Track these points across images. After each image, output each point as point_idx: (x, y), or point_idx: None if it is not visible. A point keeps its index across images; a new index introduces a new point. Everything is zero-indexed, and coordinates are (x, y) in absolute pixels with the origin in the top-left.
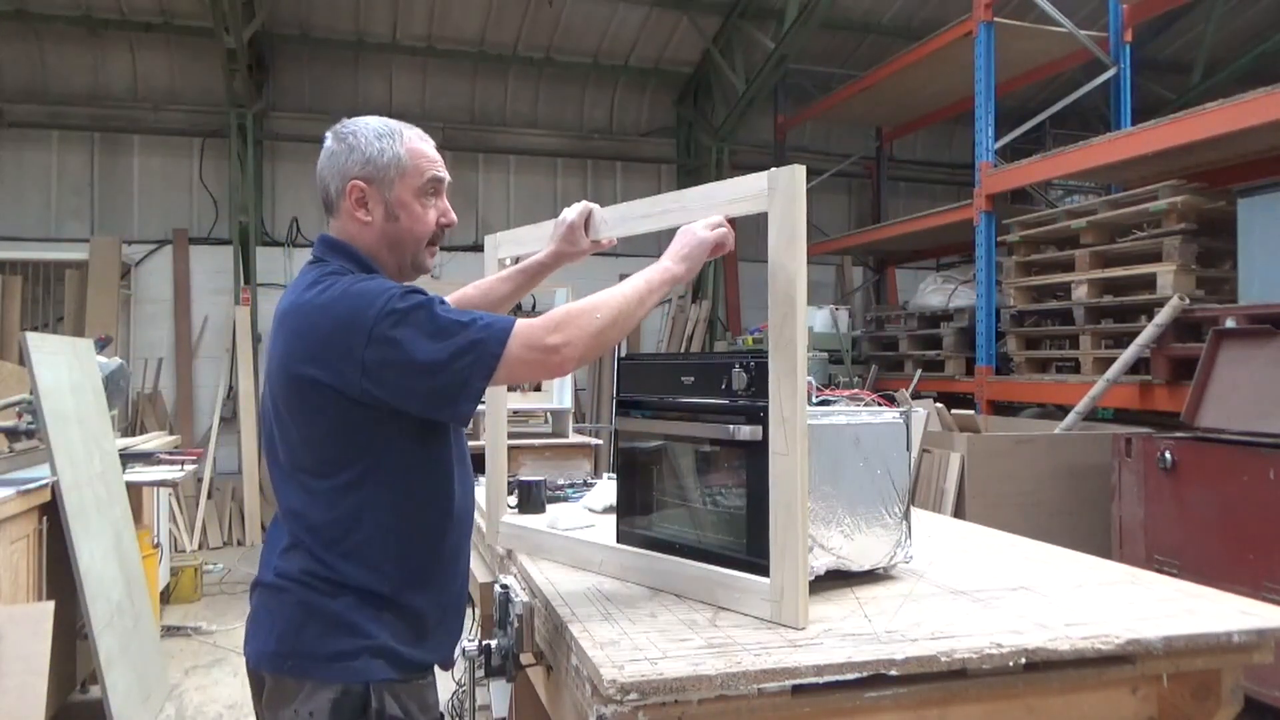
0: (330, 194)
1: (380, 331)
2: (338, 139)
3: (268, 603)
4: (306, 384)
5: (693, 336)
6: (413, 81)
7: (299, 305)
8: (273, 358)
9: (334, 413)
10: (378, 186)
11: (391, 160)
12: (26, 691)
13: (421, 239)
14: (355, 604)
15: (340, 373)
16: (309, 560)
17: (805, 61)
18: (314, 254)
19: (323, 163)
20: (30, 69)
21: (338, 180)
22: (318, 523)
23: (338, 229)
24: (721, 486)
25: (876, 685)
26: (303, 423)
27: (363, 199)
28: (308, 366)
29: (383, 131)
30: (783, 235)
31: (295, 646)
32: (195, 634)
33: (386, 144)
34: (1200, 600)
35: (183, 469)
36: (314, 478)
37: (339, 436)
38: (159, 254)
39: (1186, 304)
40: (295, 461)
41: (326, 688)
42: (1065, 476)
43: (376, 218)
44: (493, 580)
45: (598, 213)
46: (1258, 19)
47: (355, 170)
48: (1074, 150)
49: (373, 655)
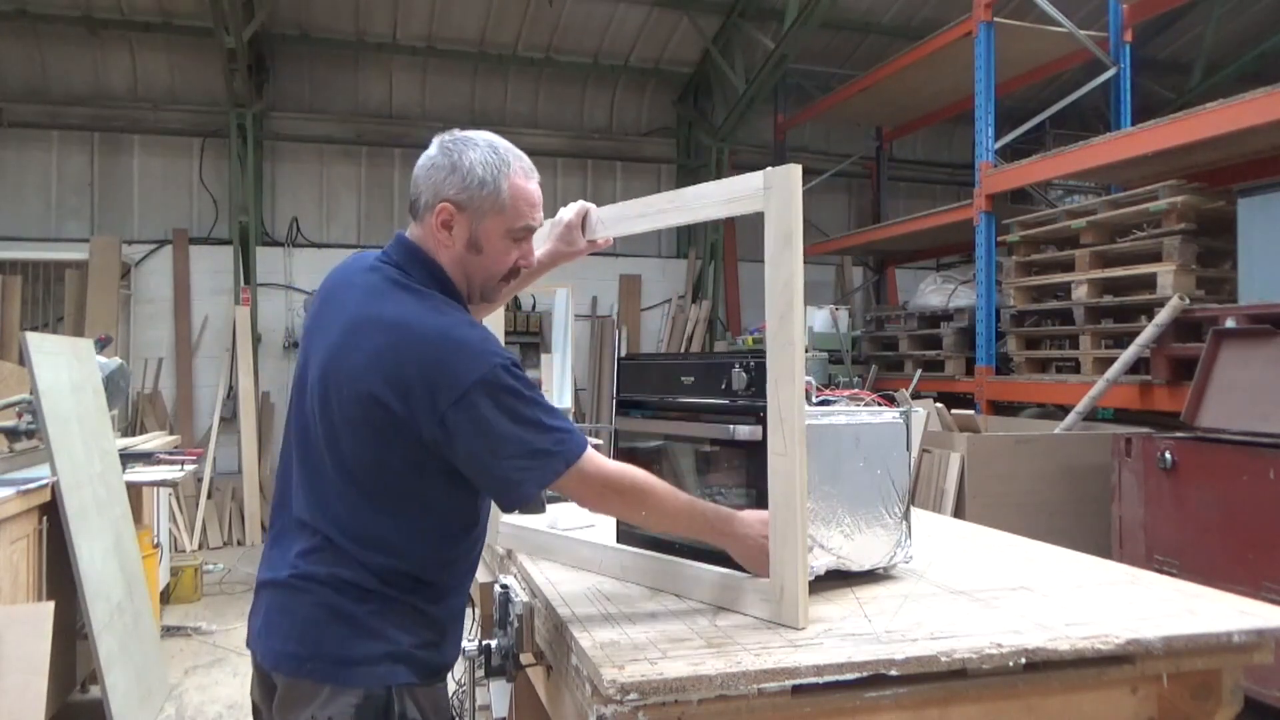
0: (419, 202)
1: (472, 398)
2: (443, 151)
3: (285, 603)
4: (379, 407)
5: (693, 336)
6: (413, 81)
7: (383, 321)
8: (338, 364)
9: (396, 442)
10: (468, 215)
11: (491, 194)
12: (26, 691)
13: (496, 276)
14: (381, 609)
15: (415, 413)
16: (340, 564)
17: (805, 61)
18: (390, 255)
19: (422, 168)
20: (30, 69)
21: (430, 194)
22: (358, 531)
23: (419, 237)
24: (721, 486)
25: (876, 685)
26: (363, 439)
27: (449, 223)
28: (386, 393)
29: (491, 161)
30: (779, 234)
31: (317, 649)
32: (195, 634)
33: (490, 175)
34: (1200, 600)
35: (183, 469)
36: (359, 488)
37: (396, 461)
38: (159, 254)
39: (1186, 304)
40: (343, 469)
41: (348, 692)
42: (1065, 476)
43: (458, 244)
44: (493, 580)
45: (594, 212)
46: (1258, 19)
47: (450, 192)
48: (1074, 150)
49: (395, 660)
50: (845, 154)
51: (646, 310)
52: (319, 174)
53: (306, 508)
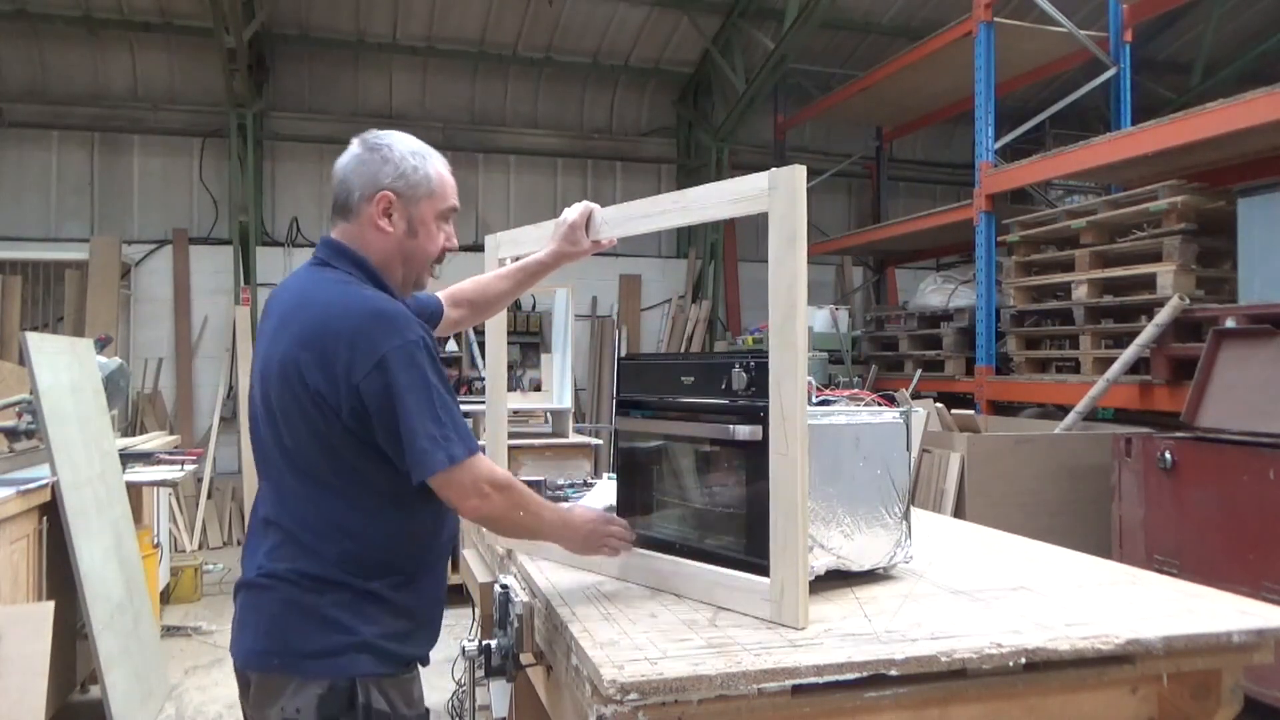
0: (351, 199)
1: (387, 364)
2: (369, 148)
3: (253, 602)
4: (302, 385)
5: (693, 336)
6: (413, 81)
7: (309, 306)
8: (271, 356)
9: (323, 424)
10: (405, 201)
11: (423, 179)
12: (26, 691)
13: (430, 257)
14: (343, 601)
15: (335, 387)
16: (300, 558)
17: (805, 61)
18: (319, 256)
19: (348, 167)
20: (30, 69)
21: (366, 187)
22: (316, 522)
23: (349, 234)
24: (721, 486)
25: (876, 685)
26: (299, 427)
27: (389, 210)
28: (310, 367)
29: (416, 150)
30: (783, 235)
31: (282, 644)
32: (195, 634)
33: (419, 162)
34: (1200, 600)
35: (183, 469)
36: (308, 478)
37: (333, 444)
38: (159, 254)
39: (1186, 304)
40: (291, 463)
41: (313, 684)
42: (1065, 476)
43: (398, 230)
44: (493, 580)
45: (598, 213)
46: (1258, 19)
47: (388, 181)
48: (1074, 150)
49: (359, 651)
50: (845, 154)
51: (646, 310)
52: (319, 174)
53: (270, 507)
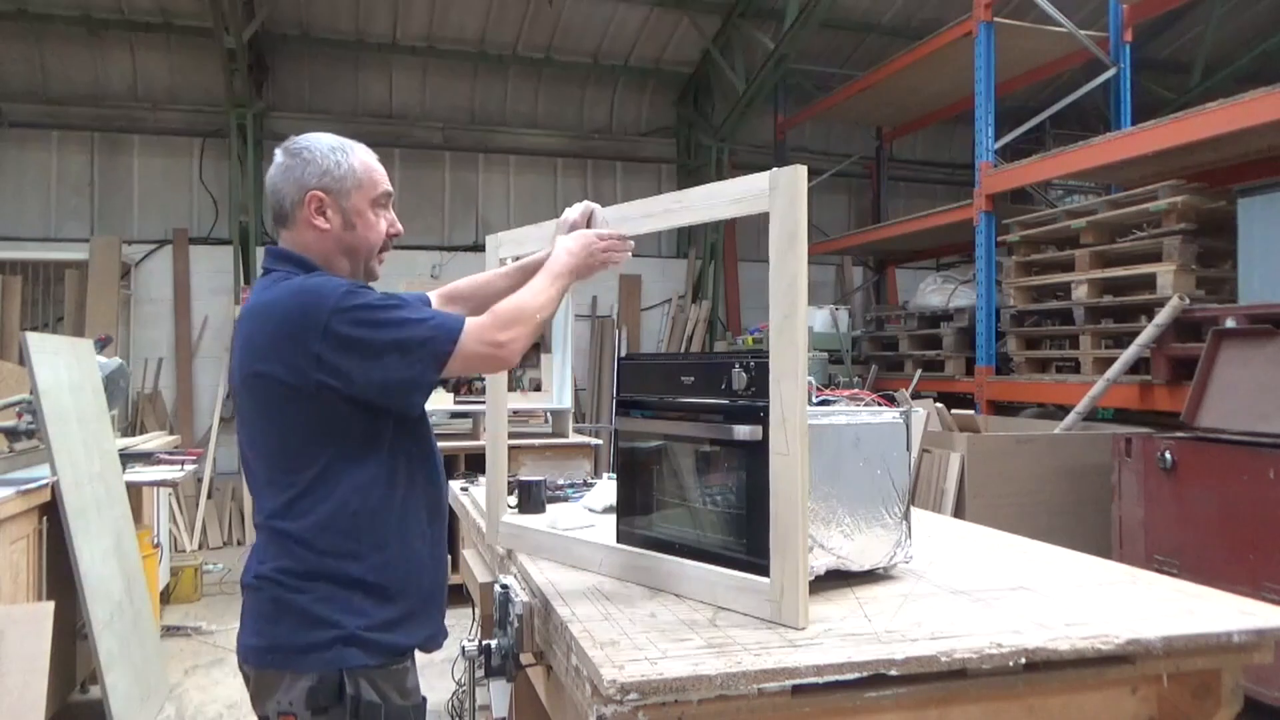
0: (285, 206)
1: (333, 325)
2: (290, 154)
3: (250, 603)
4: (264, 381)
5: (693, 336)
6: (413, 81)
7: (253, 308)
8: (234, 369)
9: (293, 408)
10: (335, 196)
11: (347, 172)
12: (26, 691)
13: (374, 246)
14: (326, 595)
15: (294, 367)
16: (281, 556)
17: (805, 61)
18: (265, 265)
19: (276, 177)
20: (30, 69)
21: (295, 192)
22: (290, 518)
23: (291, 240)
24: (721, 486)
25: (876, 685)
26: (266, 420)
27: (322, 208)
28: (263, 364)
29: (336, 146)
30: (784, 235)
31: (273, 641)
32: (195, 634)
33: (341, 157)
34: (1200, 600)
35: (183, 469)
36: (282, 474)
37: (300, 431)
38: (159, 254)
39: (1186, 304)
40: (263, 460)
41: (303, 677)
42: (1065, 476)
43: (335, 225)
44: (493, 580)
45: (599, 212)
46: (1258, 19)
47: (313, 181)
48: (1074, 150)
49: (345, 644)
50: (845, 154)
51: (646, 310)
52: None
53: (258, 511)
